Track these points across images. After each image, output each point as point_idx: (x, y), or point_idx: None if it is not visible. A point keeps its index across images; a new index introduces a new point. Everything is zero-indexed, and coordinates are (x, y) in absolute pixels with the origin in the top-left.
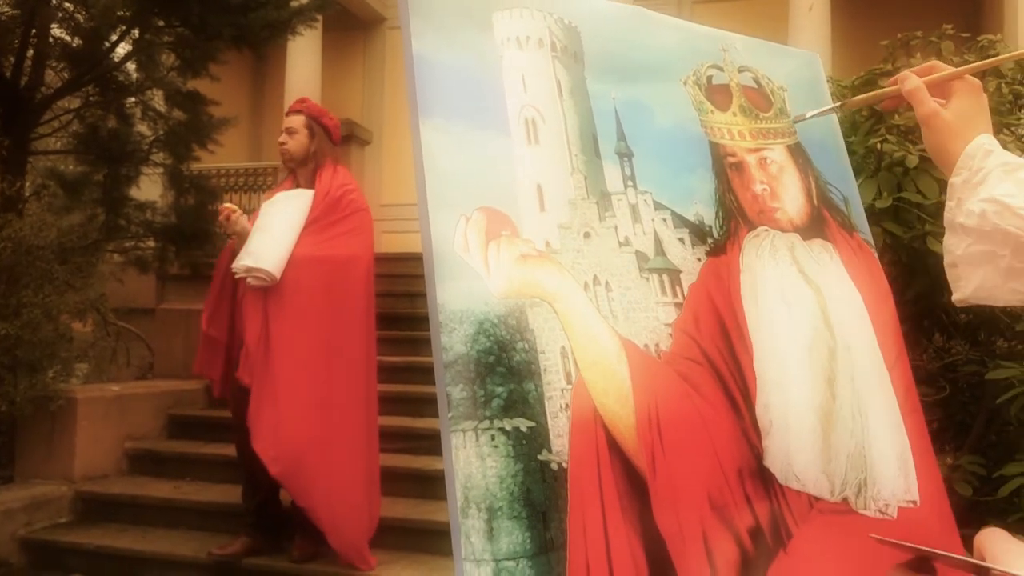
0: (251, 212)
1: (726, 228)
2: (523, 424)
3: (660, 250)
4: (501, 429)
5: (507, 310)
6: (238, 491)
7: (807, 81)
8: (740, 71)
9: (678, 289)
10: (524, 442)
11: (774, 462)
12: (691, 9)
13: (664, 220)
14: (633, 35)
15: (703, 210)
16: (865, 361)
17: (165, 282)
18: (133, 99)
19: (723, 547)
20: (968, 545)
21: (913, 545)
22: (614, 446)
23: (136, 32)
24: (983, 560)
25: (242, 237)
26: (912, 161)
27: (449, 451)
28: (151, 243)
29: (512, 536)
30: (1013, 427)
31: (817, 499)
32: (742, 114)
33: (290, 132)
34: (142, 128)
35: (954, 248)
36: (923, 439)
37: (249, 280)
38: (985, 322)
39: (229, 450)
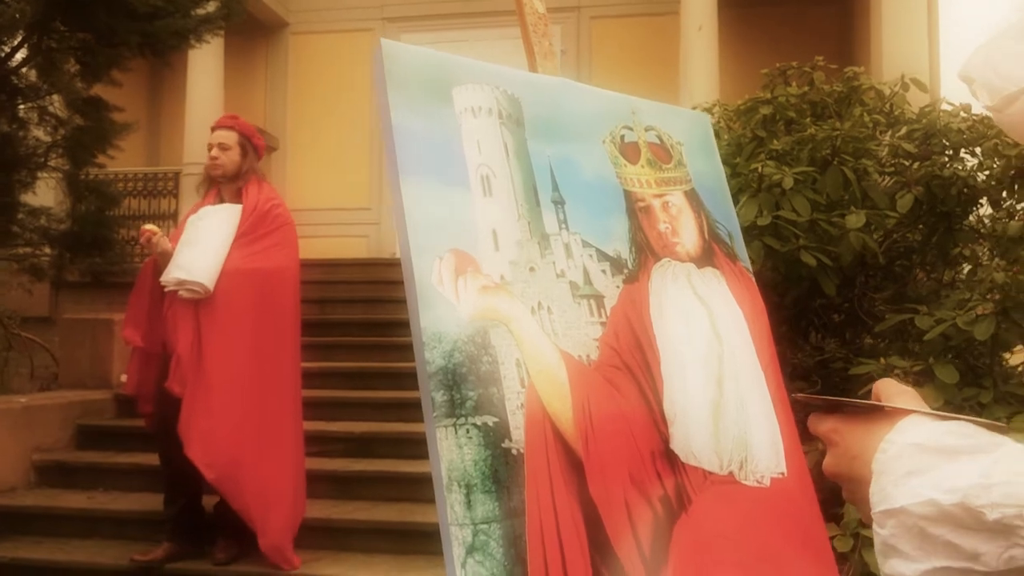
0: (150, 218)
1: (638, 260)
2: (490, 420)
3: (588, 280)
4: (474, 424)
5: (474, 331)
6: (155, 499)
7: (699, 136)
8: (646, 130)
9: (602, 311)
10: (491, 434)
11: (677, 445)
12: (589, 25)
13: (590, 255)
14: (562, 102)
15: (620, 246)
16: (745, 364)
17: (59, 290)
18: (29, 104)
19: (640, 511)
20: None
21: (825, 397)
22: (558, 435)
23: (35, 37)
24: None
25: (165, 257)
26: (788, 183)
27: (434, 442)
28: (47, 250)
29: (485, 506)
30: None
31: (710, 473)
32: (648, 166)
33: (223, 147)
34: (39, 133)
35: None
36: (790, 425)
37: (181, 292)
38: (852, 322)
39: (142, 459)
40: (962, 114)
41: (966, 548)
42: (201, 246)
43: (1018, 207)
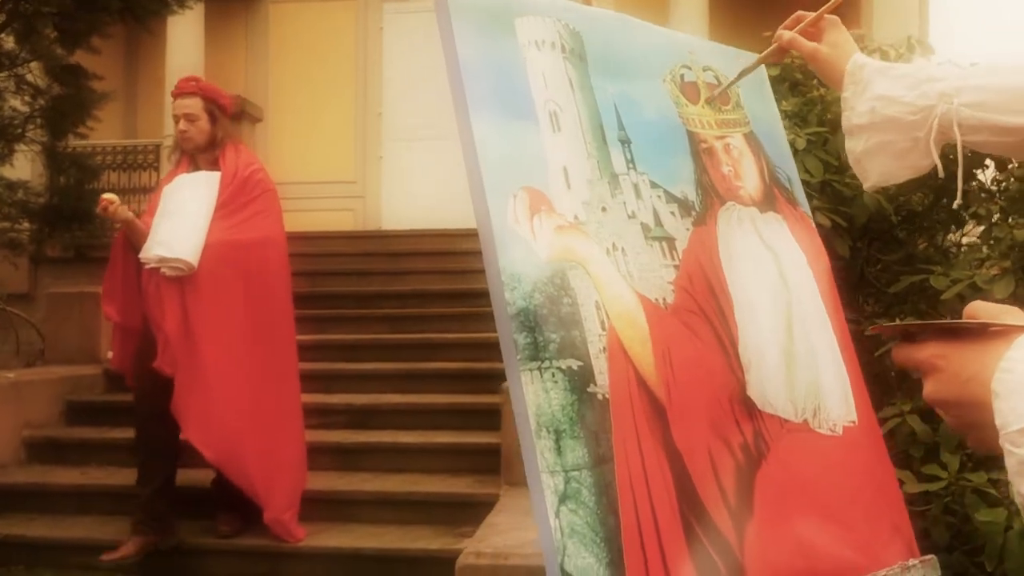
0: (130, 192)
1: (704, 203)
2: (574, 363)
3: (658, 222)
4: (559, 368)
5: (552, 272)
6: None
7: (754, 79)
8: (704, 70)
9: (674, 254)
10: (576, 378)
11: (754, 392)
12: None
13: (659, 197)
14: (623, 39)
15: (687, 188)
16: (811, 310)
17: (38, 265)
18: (5, 72)
19: (722, 459)
20: None
21: (921, 322)
22: (640, 380)
23: (12, 2)
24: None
25: (129, 225)
26: (800, 144)
27: (519, 387)
28: (26, 224)
29: (575, 452)
30: (888, 376)
31: (785, 421)
32: (708, 107)
33: (190, 118)
34: (16, 103)
35: (855, 148)
36: (856, 373)
37: (164, 270)
38: (862, 285)
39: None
40: None
41: None
42: (180, 219)
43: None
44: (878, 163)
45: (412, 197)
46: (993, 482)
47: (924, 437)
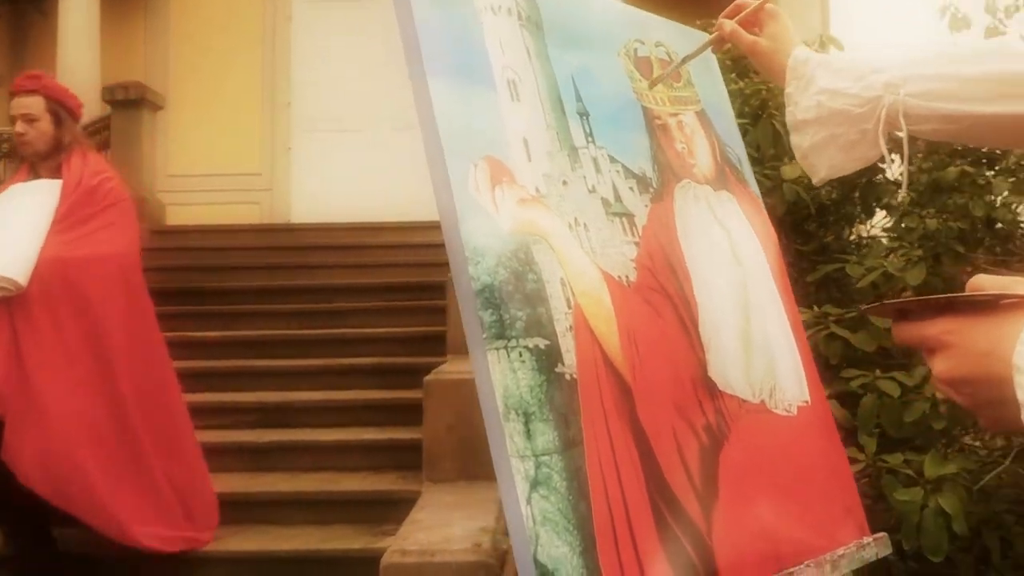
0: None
1: (661, 180)
2: (541, 342)
3: (618, 197)
4: (526, 347)
5: (516, 245)
6: None
7: (702, 57)
8: (656, 46)
9: (635, 230)
10: (544, 358)
11: (714, 372)
12: None
13: (618, 172)
14: (578, 9)
15: (643, 164)
16: (765, 290)
17: None
18: None
19: (687, 440)
20: None
21: (926, 298)
22: (607, 360)
23: None
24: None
25: None
26: None
27: (485, 366)
28: None
29: (545, 436)
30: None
31: (744, 401)
32: (662, 83)
33: (29, 119)
34: None
35: (801, 143)
36: (807, 353)
37: None
38: None
39: None
40: None
41: None
42: (8, 232)
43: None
44: (826, 157)
45: (323, 190)
46: (908, 463)
47: (842, 421)
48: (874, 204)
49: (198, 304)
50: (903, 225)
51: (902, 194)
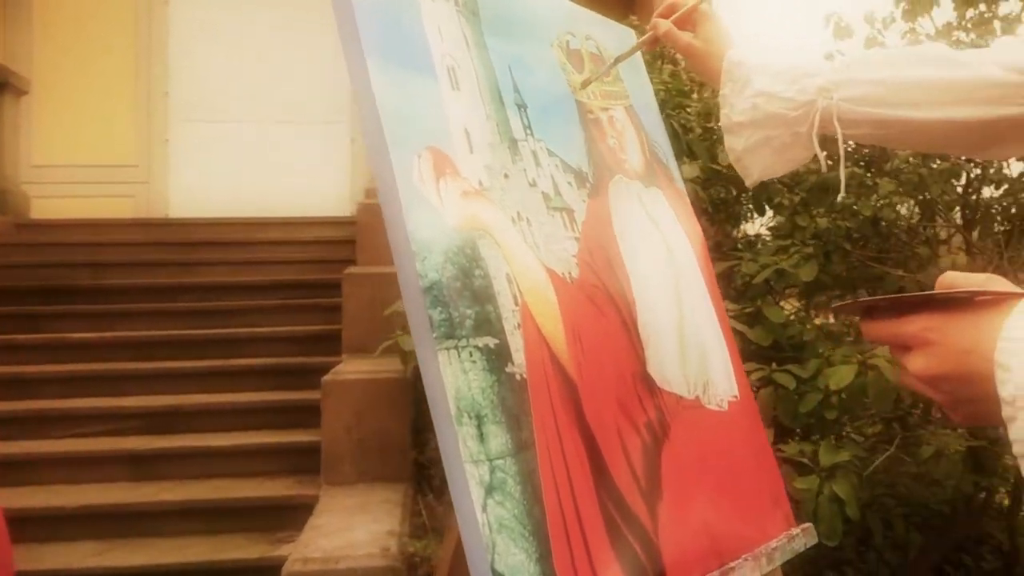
0: None
1: (596, 175)
2: (491, 341)
3: (558, 191)
4: (476, 346)
5: (463, 240)
6: None
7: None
8: (587, 39)
9: (575, 226)
10: (494, 357)
11: (653, 369)
12: None
13: (556, 166)
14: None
15: (579, 158)
16: (695, 286)
17: None
18: None
19: (631, 439)
20: None
21: (905, 295)
22: (554, 359)
23: None
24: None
25: None
26: None
27: (436, 368)
28: None
29: (498, 439)
30: None
31: (681, 398)
32: (592, 77)
33: None
34: None
35: (735, 145)
36: (733, 348)
37: None
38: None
39: None
40: None
41: None
42: None
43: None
44: (760, 159)
45: (203, 184)
46: (804, 452)
47: None
48: (765, 204)
49: (69, 303)
50: (797, 223)
51: (841, 195)
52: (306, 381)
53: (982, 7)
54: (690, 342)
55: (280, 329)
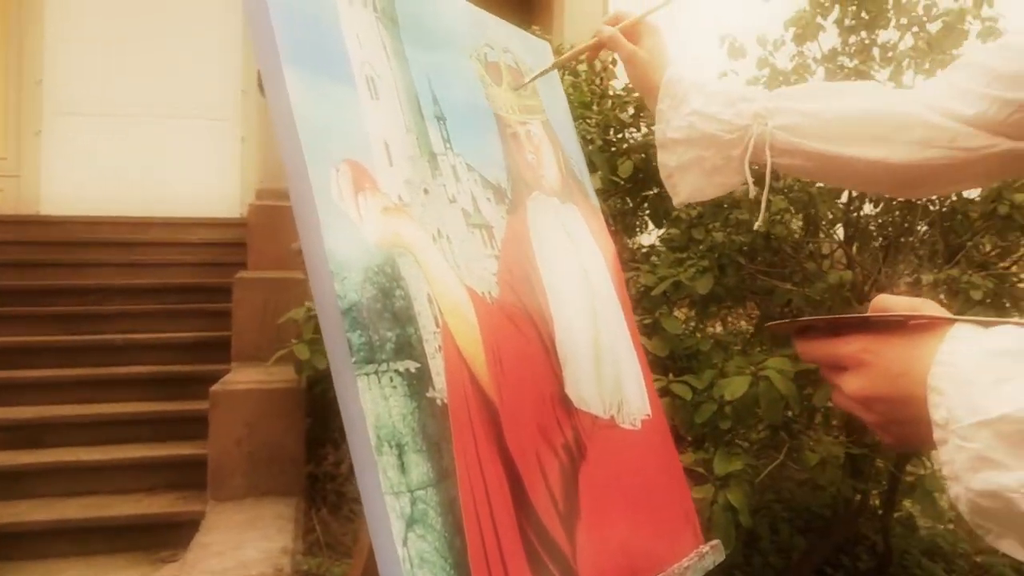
0: None
1: (515, 191)
2: (411, 365)
3: (477, 208)
4: (396, 371)
5: (383, 259)
6: None
7: (542, 66)
8: (504, 52)
9: (494, 243)
10: (415, 382)
11: (570, 389)
12: None
13: (476, 181)
14: (432, 7)
15: (498, 174)
16: (609, 304)
17: None
18: None
19: (549, 462)
20: None
21: (845, 316)
22: (475, 382)
23: None
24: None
25: None
26: None
27: (355, 394)
28: None
29: (419, 468)
30: None
31: (596, 418)
32: (510, 90)
33: None
34: None
35: (668, 161)
36: (645, 366)
37: None
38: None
39: None
40: None
41: None
42: None
43: None
44: (690, 179)
45: (79, 180)
46: (699, 462)
47: None
48: (663, 216)
49: None
50: (694, 236)
51: (759, 223)
52: (191, 391)
53: (863, 34)
54: (606, 361)
55: (164, 335)
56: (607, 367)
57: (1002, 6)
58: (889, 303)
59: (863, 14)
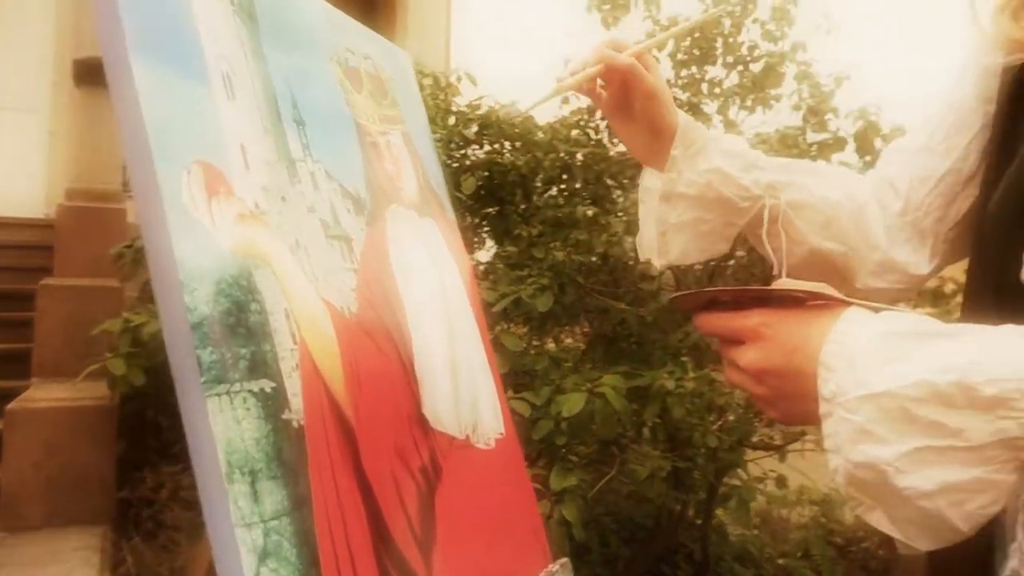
0: None
1: (374, 202)
2: (267, 385)
3: (336, 219)
4: (250, 391)
5: (238, 270)
6: None
7: (405, 75)
8: (364, 58)
9: (353, 257)
10: (270, 403)
11: (427, 409)
12: None
13: (335, 190)
14: (292, 4)
15: (358, 184)
16: (466, 320)
17: None
18: None
19: (406, 486)
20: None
21: (750, 287)
22: (332, 401)
23: None
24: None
25: None
26: None
27: (205, 418)
28: None
29: (273, 496)
30: None
31: (453, 438)
32: (370, 98)
33: None
34: None
35: (668, 217)
36: (499, 383)
37: None
38: None
39: None
40: (514, 112)
41: (951, 426)
42: None
43: (560, 200)
44: (683, 239)
45: None
46: (535, 478)
47: None
48: (514, 232)
49: None
50: (534, 255)
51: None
52: None
53: (694, 68)
54: (462, 380)
55: None
56: (464, 386)
57: (815, 52)
58: (789, 285)
59: (695, 50)
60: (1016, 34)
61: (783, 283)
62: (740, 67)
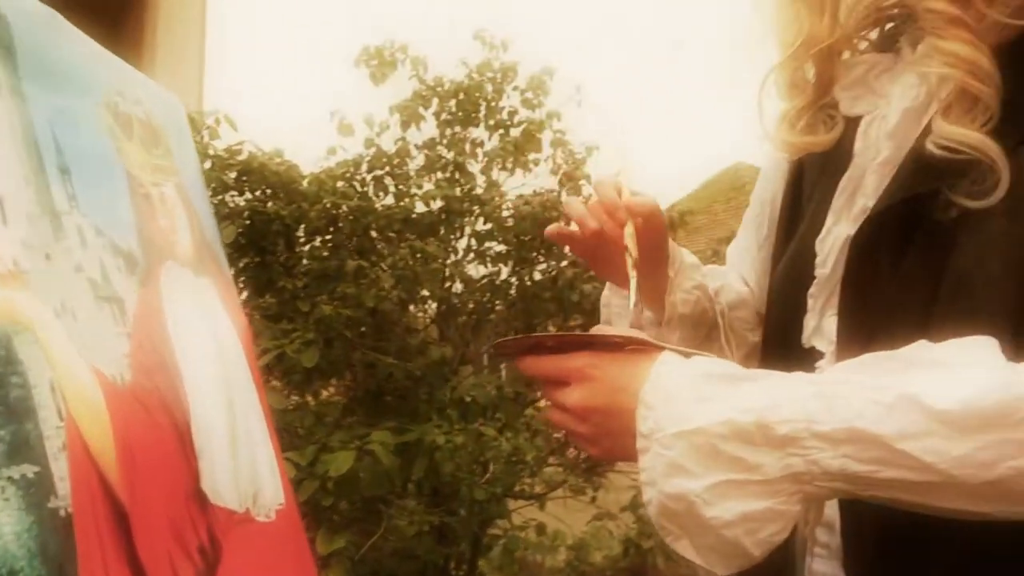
0: None
1: (147, 259)
2: (29, 470)
3: (107, 278)
4: (10, 478)
5: None
6: None
7: (178, 124)
8: (136, 103)
9: (125, 319)
10: (33, 490)
11: (206, 483)
12: None
13: (105, 247)
14: (57, 41)
15: (130, 239)
16: (245, 385)
17: None
18: None
19: (184, 568)
20: None
21: (575, 334)
22: (104, 483)
23: None
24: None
25: None
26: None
27: None
28: None
29: None
30: None
31: (233, 513)
32: (142, 147)
33: None
34: None
35: (671, 341)
36: (278, 450)
37: None
38: None
39: None
40: (276, 159)
41: (749, 461)
42: None
43: (324, 251)
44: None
45: None
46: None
47: None
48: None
49: None
50: (299, 308)
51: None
52: None
53: (458, 128)
54: (242, 449)
55: None
56: (243, 455)
57: (569, 122)
58: (608, 331)
59: (459, 112)
60: (792, 139)
61: (600, 330)
62: (501, 131)
